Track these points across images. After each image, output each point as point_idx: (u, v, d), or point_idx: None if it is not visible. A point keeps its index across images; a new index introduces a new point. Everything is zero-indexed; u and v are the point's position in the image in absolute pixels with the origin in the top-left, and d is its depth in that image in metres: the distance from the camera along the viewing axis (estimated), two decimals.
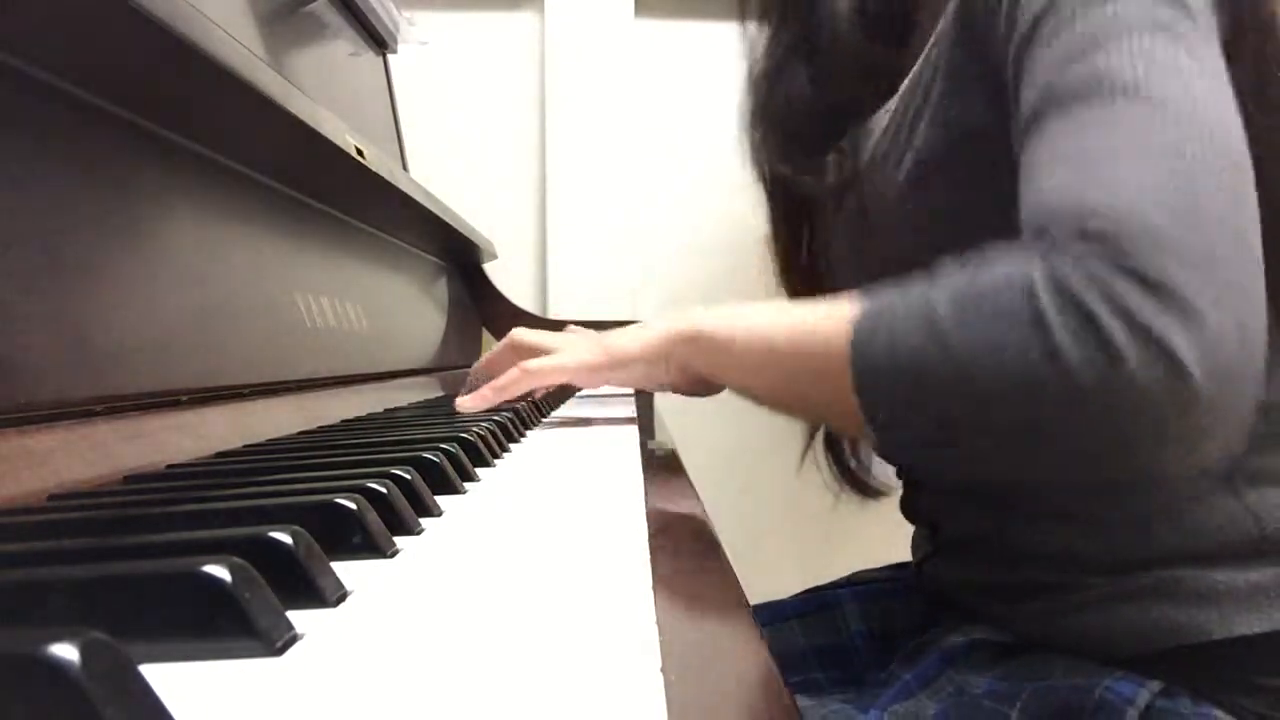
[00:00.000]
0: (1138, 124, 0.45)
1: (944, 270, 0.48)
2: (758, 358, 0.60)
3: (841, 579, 0.86)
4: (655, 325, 0.70)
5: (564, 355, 0.73)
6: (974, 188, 0.58)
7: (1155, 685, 0.57)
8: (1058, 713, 0.58)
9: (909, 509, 0.76)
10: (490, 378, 0.78)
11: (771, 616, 0.82)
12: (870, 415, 0.49)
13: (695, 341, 0.65)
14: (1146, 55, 0.47)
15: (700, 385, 0.70)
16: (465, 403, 0.79)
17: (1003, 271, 0.45)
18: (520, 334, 0.80)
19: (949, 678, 0.65)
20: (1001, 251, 0.46)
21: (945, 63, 0.59)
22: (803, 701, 0.72)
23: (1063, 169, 0.46)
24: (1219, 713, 0.56)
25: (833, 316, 0.52)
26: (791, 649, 0.79)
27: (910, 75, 0.64)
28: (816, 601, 0.82)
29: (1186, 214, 0.42)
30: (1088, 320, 0.41)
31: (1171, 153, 0.44)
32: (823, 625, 0.80)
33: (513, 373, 0.74)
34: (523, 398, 0.83)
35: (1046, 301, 0.42)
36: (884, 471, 0.85)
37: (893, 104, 0.65)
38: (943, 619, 0.71)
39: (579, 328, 0.89)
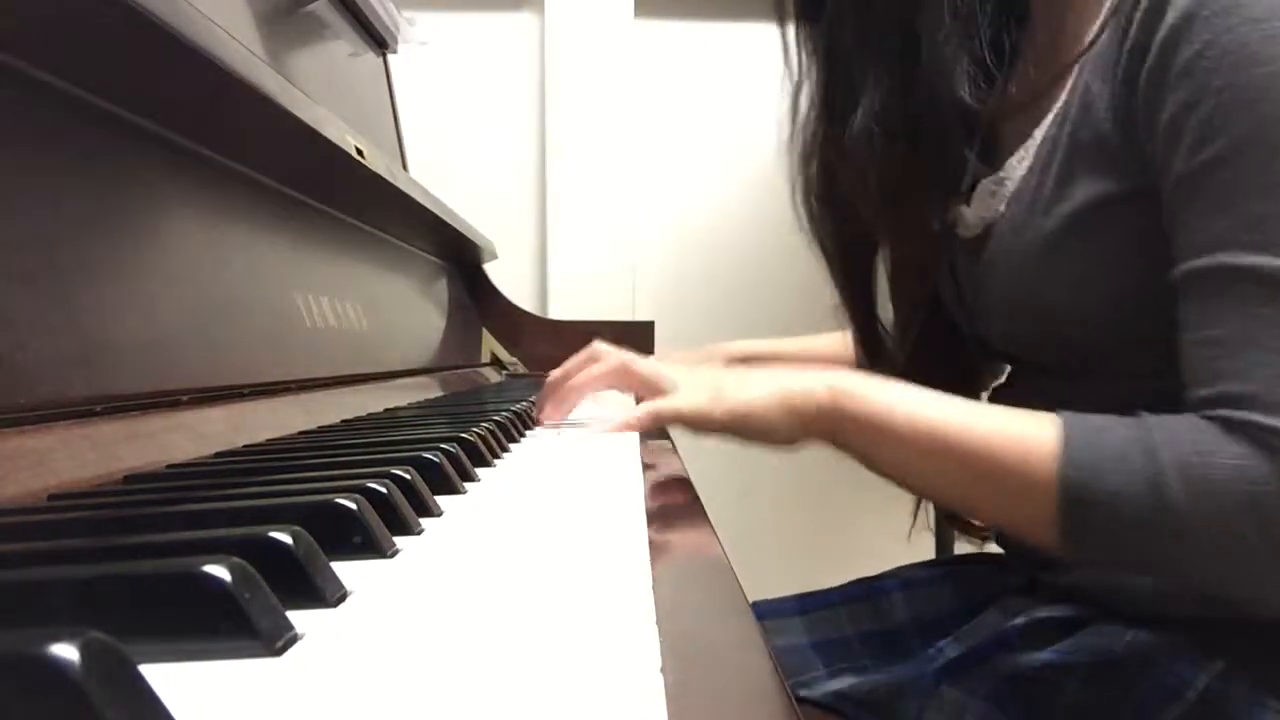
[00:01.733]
0: None
1: (1149, 428, 0.54)
2: (920, 454, 0.60)
3: (886, 571, 0.86)
4: (781, 379, 0.65)
5: (683, 401, 0.67)
6: (1132, 235, 0.60)
7: (1217, 666, 0.58)
8: (1113, 690, 0.59)
9: None
10: (584, 395, 0.75)
11: (819, 603, 0.83)
12: (1068, 542, 0.55)
13: (844, 418, 0.62)
14: None
15: (800, 444, 0.67)
16: (549, 414, 0.76)
17: (1230, 463, 0.51)
18: (632, 364, 0.73)
19: (1006, 655, 0.66)
20: (1199, 425, 0.53)
21: (1102, 128, 0.59)
22: (850, 682, 0.73)
23: (1244, 358, 0.52)
24: (1274, 702, 0.57)
25: (1029, 439, 0.56)
26: (839, 636, 0.80)
27: (1047, 127, 0.64)
28: (862, 590, 0.84)
29: None
30: None
31: None
32: (869, 612, 0.82)
33: (640, 413, 0.68)
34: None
35: (1273, 517, 0.50)
36: None
37: (1023, 158, 0.66)
38: (996, 603, 0.72)
39: (678, 353, 0.84)
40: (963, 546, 0.88)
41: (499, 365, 1.53)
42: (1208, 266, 0.53)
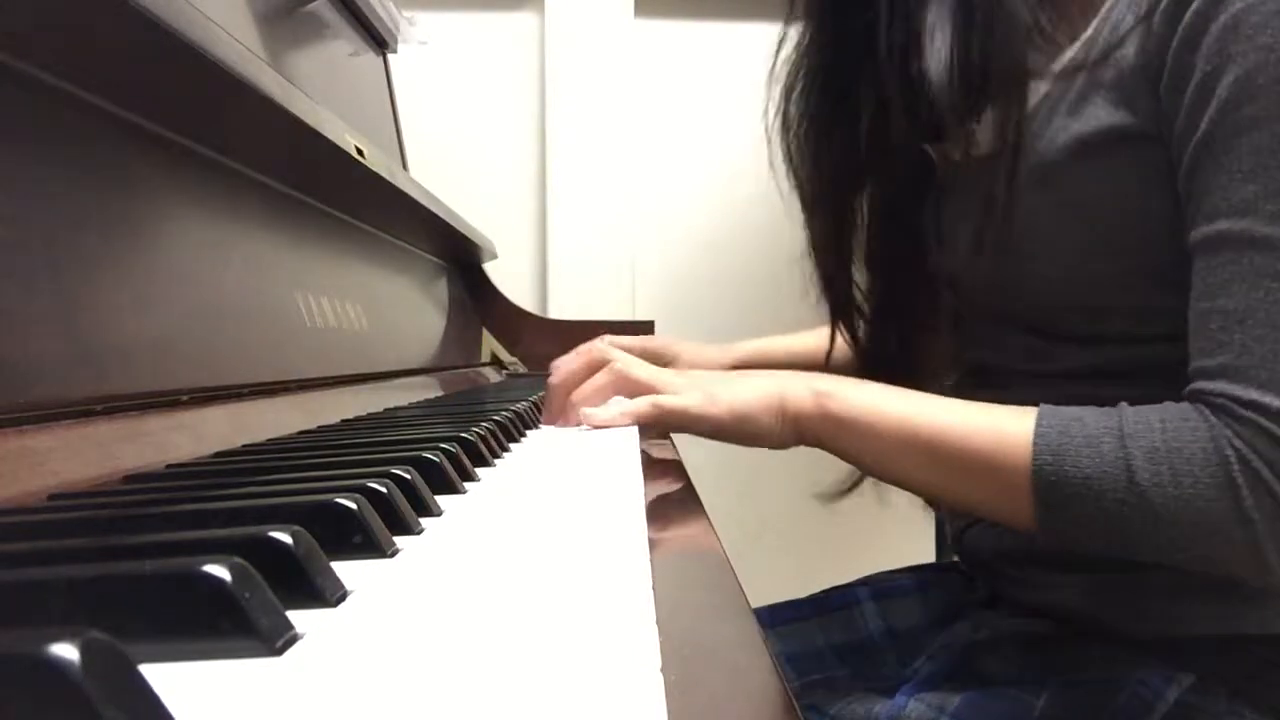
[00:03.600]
0: None
1: (1124, 417, 0.54)
2: (903, 452, 0.61)
3: (858, 579, 0.86)
4: (767, 382, 0.66)
5: (685, 398, 0.68)
6: (1128, 179, 0.59)
7: (1187, 679, 0.58)
8: (1084, 704, 0.59)
9: None
10: (569, 390, 0.74)
11: (790, 615, 0.82)
12: (1047, 529, 0.56)
13: (827, 421, 0.63)
14: None
15: (787, 446, 0.68)
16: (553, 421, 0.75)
17: (1199, 445, 0.52)
18: (629, 370, 0.72)
19: (975, 669, 0.66)
20: (1176, 412, 0.53)
21: (1125, 65, 0.58)
22: (825, 696, 0.72)
23: (1247, 330, 0.52)
24: (1252, 713, 0.57)
25: (1004, 430, 0.57)
26: (810, 647, 0.80)
27: (1070, 57, 0.62)
28: (834, 600, 0.83)
29: None
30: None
31: None
32: (841, 623, 0.81)
33: (644, 406, 0.69)
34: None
35: (1247, 494, 0.50)
36: None
37: (1039, 86, 0.63)
38: (966, 615, 0.72)
39: (612, 337, 0.82)
40: None
41: (499, 365, 1.52)
42: (1226, 232, 0.52)
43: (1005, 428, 0.57)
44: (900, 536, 1.51)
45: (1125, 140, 0.58)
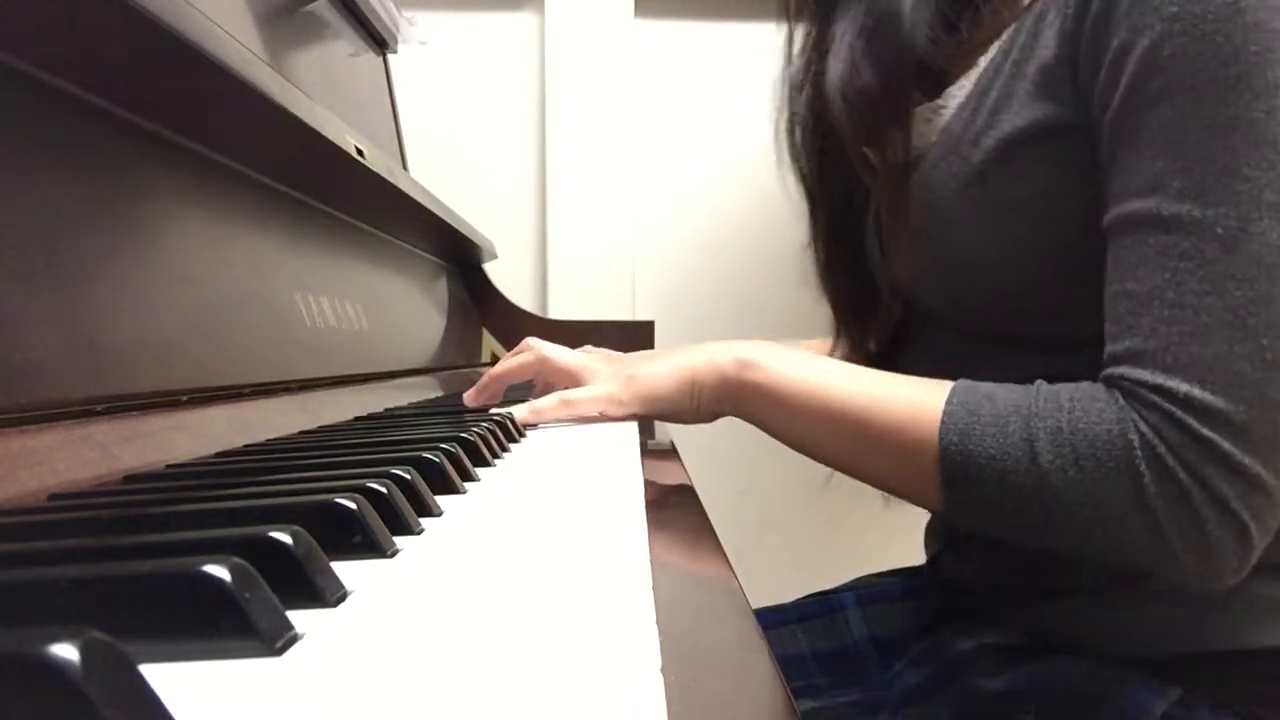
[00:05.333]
0: (1234, 292, 0.48)
1: (1035, 397, 0.53)
2: (817, 421, 0.60)
3: (844, 584, 0.85)
4: (688, 357, 0.66)
5: (598, 387, 0.71)
6: (1058, 174, 0.57)
7: (1174, 693, 0.57)
8: (1073, 717, 0.58)
9: None
10: (504, 384, 0.77)
11: (773, 621, 0.81)
12: (952, 510, 0.55)
13: (745, 388, 0.63)
14: (1256, 202, 0.48)
15: (715, 417, 0.68)
16: (470, 398, 0.78)
17: (1103, 429, 0.50)
18: (549, 353, 0.76)
19: (962, 682, 0.65)
20: (1088, 392, 0.52)
21: (1046, 55, 0.57)
22: (807, 705, 0.72)
23: (1154, 313, 0.50)
24: None
25: (916, 407, 0.56)
26: (794, 654, 0.79)
27: (993, 55, 0.61)
28: (819, 606, 0.82)
29: (1263, 405, 0.48)
30: (1185, 504, 0.49)
31: (1258, 335, 0.48)
32: (825, 629, 0.80)
33: (553, 400, 0.72)
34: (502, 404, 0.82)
35: (1149, 480, 0.49)
36: None
37: (963, 86, 0.63)
38: (951, 622, 0.71)
39: (596, 349, 0.85)
40: None
41: None
42: (1135, 212, 0.51)
43: (920, 404, 0.56)
44: (901, 537, 1.51)
45: (1052, 135, 0.57)
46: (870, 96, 0.64)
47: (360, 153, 0.79)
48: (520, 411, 0.72)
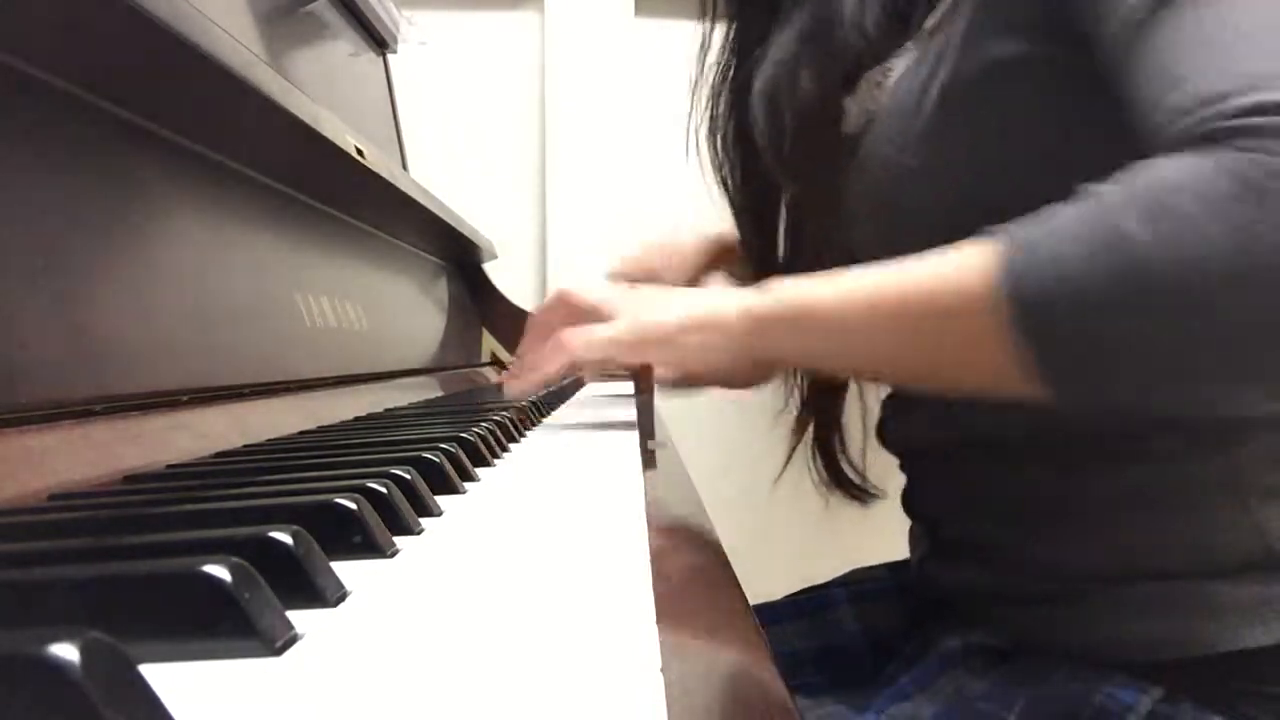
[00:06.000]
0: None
1: (1110, 184, 0.44)
2: (861, 323, 0.52)
3: (836, 578, 0.85)
4: (719, 299, 0.60)
5: (601, 327, 0.62)
6: (1005, 120, 0.55)
7: (1157, 692, 0.57)
8: (1055, 717, 0.58)
9: (910, 504, 0.76)
10: (536, 358, 0.70)
11: (765, 618, 0.81)
12: (1052, 376, 0.44)
13: (793, 322, 0.56)
14: None
15: (738, 376, 0.63)
16: (511, 387, 0.74)
17: (1188, 176, 0.41)
18: (572, 289, 0.68)
19: (947, 680, 0.65)
20: (1147, 164, 0.43)
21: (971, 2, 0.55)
22: (802, 703, 0.72)
23: (1203, 54, 0.43)
24: None
25: (961, 265, 0.46)
26: (786, 651, 0.79)
27: (930, 21, 0.60)
28: (811, 603, 0.82)
29: None
30: None
31: None
32: (818, 627, 0.80)
33: (555, 365, 0.65)
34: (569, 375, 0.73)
35: (1253, 201, 0.39)
36: (877, 474, 0.84)
37: (904, 55, 0.62)
38: (940, 619, 0.71)
39: (628, 285, 0.76)
40: None
41: (499, 365, 1.53)
42: (1244, 106, 0.42)
43: (964, 257, 0.47)
44: (900, 538, 1.51)
45: (1012, 76, 0.54)
46: (807, 101, 0.62)
47: (360, 153, 0.79)
48: (527, 380, 0.67)
